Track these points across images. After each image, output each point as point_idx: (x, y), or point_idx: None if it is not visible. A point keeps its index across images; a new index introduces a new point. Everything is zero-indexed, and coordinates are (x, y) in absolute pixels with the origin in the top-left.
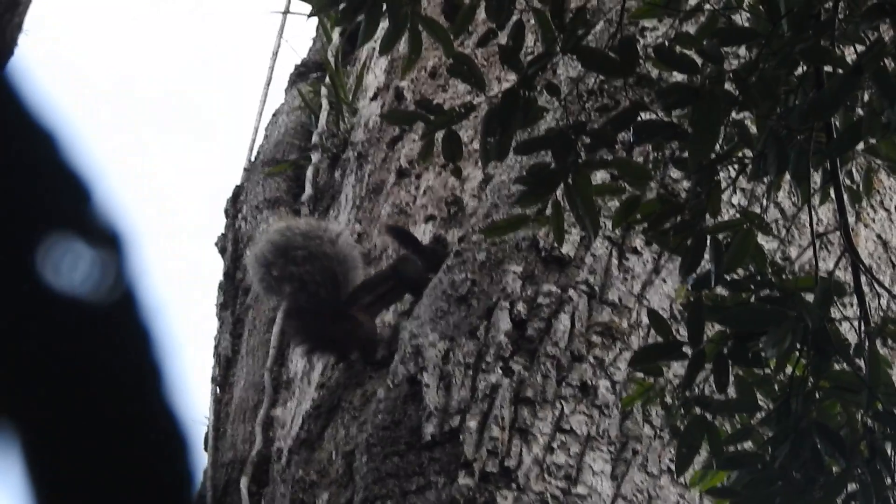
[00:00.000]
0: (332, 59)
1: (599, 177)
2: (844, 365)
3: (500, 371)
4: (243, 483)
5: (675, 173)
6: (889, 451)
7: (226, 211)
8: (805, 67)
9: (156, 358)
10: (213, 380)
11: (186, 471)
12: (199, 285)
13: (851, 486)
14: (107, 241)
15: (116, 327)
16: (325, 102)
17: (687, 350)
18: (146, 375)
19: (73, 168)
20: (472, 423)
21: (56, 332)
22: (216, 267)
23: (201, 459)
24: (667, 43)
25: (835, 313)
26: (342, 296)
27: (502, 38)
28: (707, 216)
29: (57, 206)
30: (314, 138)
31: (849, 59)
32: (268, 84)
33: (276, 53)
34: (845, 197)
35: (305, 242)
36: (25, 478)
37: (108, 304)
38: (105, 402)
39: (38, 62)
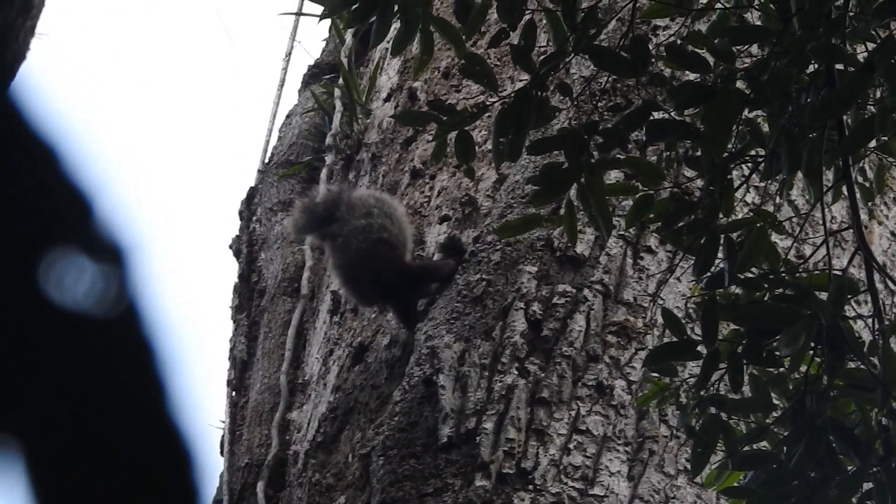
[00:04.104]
0: (344, 61)
1: (613, 176)
2: (859, 363)
3: (515, 372)
4: (260, 487)
5: (688, 172)
6: None
7: (240, 213)
8: (816, 65)
9: (159, 372)
10: (229, 383)
11: (191, 485)
12: (213, 288)
13: (867, 485)
14: (109, 255)
15: (119, 342)
16: (338, 104)
17: (701, 349)
18: (149, 390)
19: (75, 182)
20: (489, 425)
21: (59, 346)
22: (231, 269)
23: (217, 463)
24: (679, 42)
25: (849, 311)
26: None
27: (514, 38)
28: (720, 215)
29: (60, 221)
30: (328, 140)
31: (860, 57)
32: (281, 85)
33: (288, 55)
34: (858, 194)
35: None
36: (29, 493)
37: (110, 318)
38: (108, 417)
39: (51, 66)
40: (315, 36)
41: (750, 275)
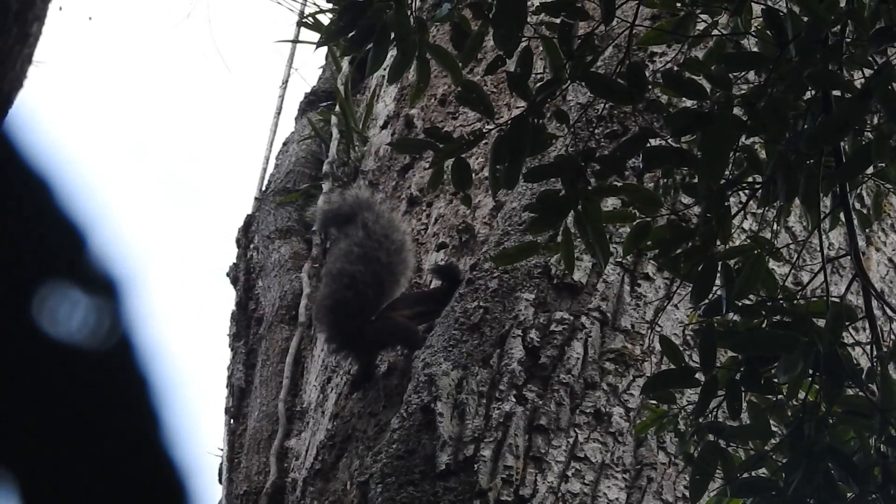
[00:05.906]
0: (341, 88)
1: (610, 203)
2: (857, 390)
3: (513, 399)
4: None
5: (685, 199)
6: None
7: (237, 241)
8: (813, 92)
9: (154, 404)
10: (227, 411)
11: None
12: (211, 315)
13: None
14: (103, 288)
15: (113, 374)
16: (335, 131)
17: (699, 376)
18: (144, 422)
19: (69, 216)
20: (487, 452)
21: (52, 379)
22: (228, 297)
23: (216, 491)
24: (675, 68)
25: (846, 338)
26: (382, 303)
27: (511, 66)
28: (718, 242)
29: (53, 254)
30: (325, 167)
31: (857, 84)
32: (278, 113)
33: (285, 82)
34: (855, 221)
35: (363, 241)
36: None
37: (104, 351)
38: (103, 449)
39: (48, 94)
40: (312, 63)
41: (747, 302)
